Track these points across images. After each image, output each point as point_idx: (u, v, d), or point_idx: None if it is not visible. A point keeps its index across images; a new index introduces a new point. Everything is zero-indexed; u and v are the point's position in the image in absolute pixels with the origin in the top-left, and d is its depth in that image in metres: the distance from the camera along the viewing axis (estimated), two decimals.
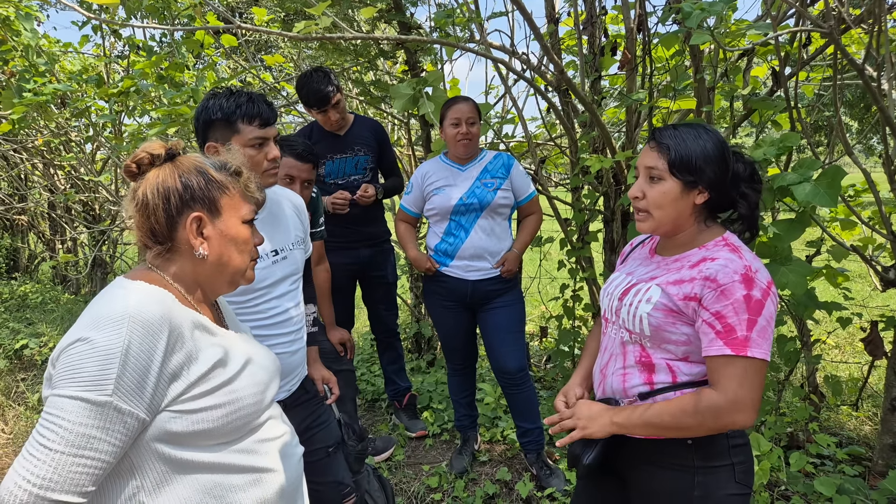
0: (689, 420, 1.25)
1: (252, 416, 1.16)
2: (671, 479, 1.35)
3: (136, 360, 0.96)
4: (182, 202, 1.11)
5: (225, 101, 1.62)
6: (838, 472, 2.65)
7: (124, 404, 0.95)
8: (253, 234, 1.23)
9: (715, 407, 1.23)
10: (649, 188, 1.36)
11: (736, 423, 1.22)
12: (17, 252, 8.22)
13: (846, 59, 2.31)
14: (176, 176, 1.12)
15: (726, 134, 3.06)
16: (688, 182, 1.32)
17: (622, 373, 1.41)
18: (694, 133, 1.33)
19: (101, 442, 0.93)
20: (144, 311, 1.00)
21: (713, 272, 1.26)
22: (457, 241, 2.61)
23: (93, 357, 0.94)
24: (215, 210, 1.15)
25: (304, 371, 1.91)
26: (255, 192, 1.23)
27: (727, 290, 1.23)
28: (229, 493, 1.12)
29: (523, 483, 2.62)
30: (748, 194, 1.36)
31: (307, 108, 2.96)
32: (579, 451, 1.40)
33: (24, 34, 4.64)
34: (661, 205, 1.34)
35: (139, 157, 1.12)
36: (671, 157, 1.32)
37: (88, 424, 0.92)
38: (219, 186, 1.16)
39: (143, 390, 0.97)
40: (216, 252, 1.16)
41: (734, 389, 1.21)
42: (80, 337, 0.97)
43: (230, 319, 1.32)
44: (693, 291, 1.28)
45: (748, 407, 1.21)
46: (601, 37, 3.25)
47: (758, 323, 1.21)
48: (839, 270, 2.62)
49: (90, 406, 0.92)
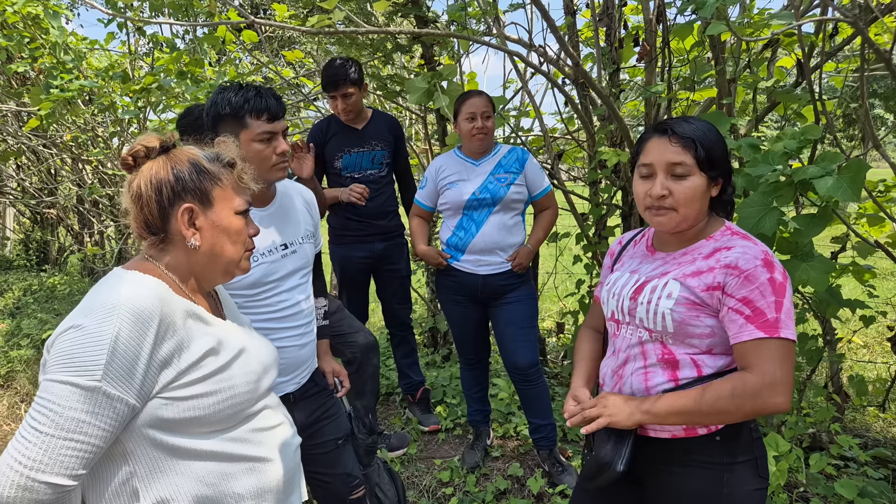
0: (726, 404, 1.22)
1: (245, 405, 1.17)
2: (699, 479, 1.32)
3: (125, 346, 0.98)
4: (174, 193, 1.13)
5: (233, 96, 1.62)
6: (861, 474, 2.58)
7: (113, 390, 0.97)
8: (247, 224, 1.24)
9: (754, 389, 1.21)
10: (675, 185, 1.31)
11: (774, 404, 1.21)
12: (47, 245, 8.42)
13: (872, 48, 2.24)
14: (168, 168, 1.14)
15: (749, 127, 2.99)
16: (711, 177, 1.32)
17: (643, 372, 1.37)
18: (705, 125, 1.32)
19: (91, 426, 0.96)
20: (135, 299, 1.02)
21: (733, 259, 1.26)
22: (468, 236, 2.60)
23: (83, 343, 0.97)
24: (207, 201, 1.16)
25: (314, 364, 1.92)
26: (248, 184, 1.24)
27: (751, 275, 1.23)
28: (223, 481, 1.13)
29: (535, 479, 2.60)
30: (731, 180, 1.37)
31: (325, 93, 2.97)
32: (610, 457, 1.35)
33: (51, 32, 4.74)
34: (691, 201, 1.30)
35: (135, 149, 1.14)
36: (697, 152, 1.29)
37: (78, 409, 0.95)
38: (211, 178, 1.17)
39: (133, 376, 0.99)
40: (208, 242, 1.17)
41: (773, 371, 1.20)
42: (73, 324, 1.00)
43: (229, 310, 1.34)
44: (716, 281, 1.27)
45: (786, 388, 1.21)
46: (620, 28, 3.20)
47: (784, 304, 1.22)
48: (866, 267, 2.55)
49: (80, 391, 0.95)
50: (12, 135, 6.18)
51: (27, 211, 8.42)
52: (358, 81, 2.89)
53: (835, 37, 2.79)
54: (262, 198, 1.74)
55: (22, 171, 7.54)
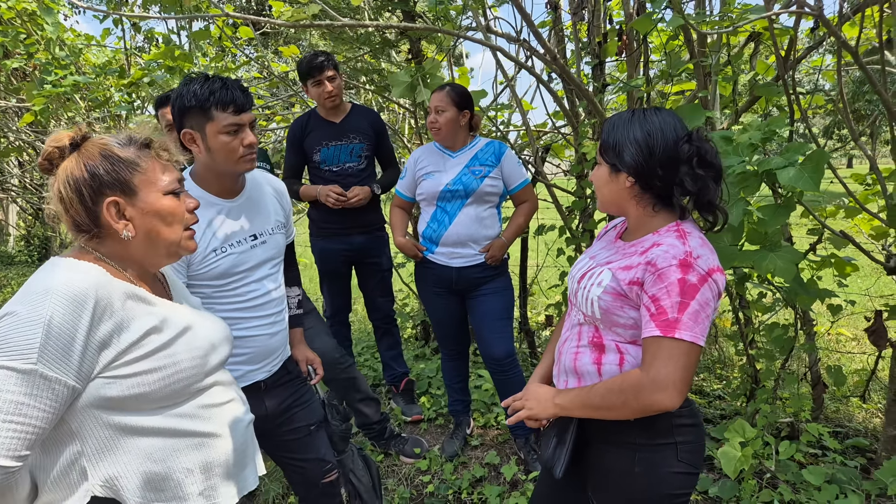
0: (614, 399, 1.27)
1: (191, 380, 1.19)
2: (616, 456, 1.38)
3: (59, 328, 1.00)
4: (94, 191, 1.12)
5: (199, 88, 1.62)
6: (838, 463, 2.61)
7: (50, 371, 0.99)
8: (183, 200, 1.23)
9: (637, 385, 1.24)
10: (594, 170, 1.43)
11: (658, 402, 1.23)
12: (48, 241, 8.50)
13: (840, 42, 2.26)
14: (82, 165, 1.12)
15: (729, 121, 3.02)
16: (611, 165, 1.36)
17: (574, 352, 1.44)
18: (629, 118, 1.34)
19: (30, 408, 0.98)
20: (69, 283, 1.04)
21: (654, 257, 1.27)
22: (441, 228, 2.64)
23: (17, 328, 0.99)
24: (130, 190, 1.15)
25: (287, 352, 1.95)
26: (172, 158, 1.23)
27: (663, 274, 1.24)
28: (170, 456, 1.16)
29: (509, 466, 2.64)
30: (684, 181, 1.31)
31: (306, 88, 3.00)
32: (551, 463, 1.43)
33: (46, 28, 4.79)
34: (598, 186, 1.42)
35: (48, 151, 1.13)
36: (602, 140, 1.37)
37: (16, 391, 0.97)
38: (127, 165, 1.15)
39: (69, 357, 1.02)
40: (142, 230, 1.17)
41: (657, 369, 1.22)
42: (8, 311, 1.02)
43: (177, 292, 1.36)
44: (636, 276, 1.29)
45: (670, 387, 1.21)
46: (605, 23, 3.23)
47: (690, 306, 1.22)
48: (846, 260, 2.57)
49: (16, 374, 0.97)
50: (12, 131, 6.24)
51: (29, 207, 8.50)
52: (336, 66, 2.96)
53: (816, 30, 2.80)
54: (230, 189, 1.76)
55: (23, 167, 7.61)
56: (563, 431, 1.44)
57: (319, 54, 2.92)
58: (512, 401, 1.50)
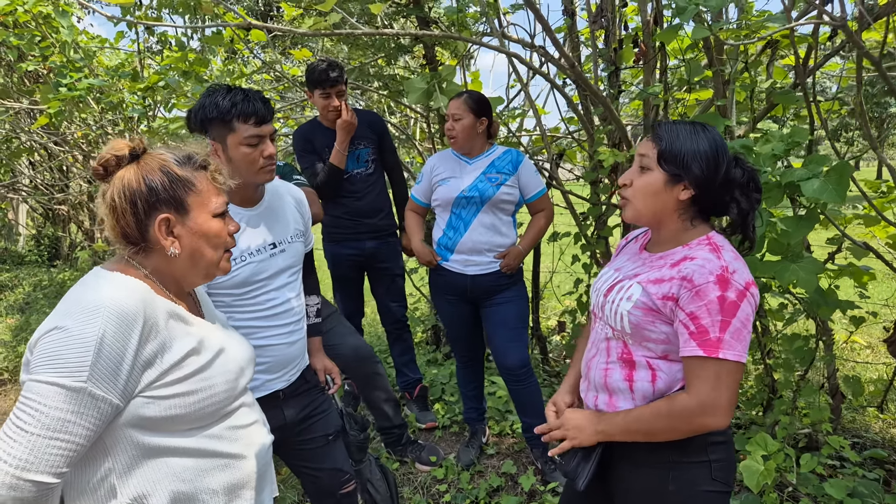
0: (662, 424, 1.26)
1: (224, 403, 1.20)
2: (648, 475, 1.36)
3: (110, 348, 1.00)
4: (149, 205, 1.12)
5: (221, 99, 1.63)
6: (855, 475, 2.58)
7: (98, 390, 0.99)
8: (227, 223, 1.24)
9: (686, 410, 1.23)
10: (638, 177, 1.36)
11: (708, 425, 1.22)
12: (58, 241, 8.54)
13: (862, 52, 2.24)
14: (140, 178, 1.12)
15: (746, 128, 3.00)
16: (673, 175, 1.31)
17: (604, 368, 1.42)
18: (691, 129, 1.33)
19: (76, 426, 0.98)
20: (119, 301, 1.04)
21: (690, 272, 1.25)
22: (456, 236, 2.63)
23: (69, 344, 0.99)
24: (183, 209, 1.16)
25: (305, 361, 1.95)
26: (224, 183, 1.24)
27: (702, 291, 1.22)
28: (198, 477, 1.16)
29: (527, 477, 2.63)
30: (740, 200, 1.33)
31: (310, 94, 2.99)
32: (573, 475, 1.41)
33: (61, 31, 4.80)
34: (645, 194, 1.35)
35: (105, 158, 1.12)
36: (661, 148, 1.32)
37: (64, 409, 0.97)
38: (184, 185, 1.16)
39: (117, 377, 1.02)
40: (188, 249, 1.18)
41: (706, 392, 1.21)
42: (57, 325, 1.01)
43: (207, 309, 1.36)
44: (671, 291, 1.27)
45: (720, 409, 1.21)
46: (620, 30, 3.21)
47: (731, 325, 1.20)
48: (863, 269, 2.55)
49: (66, 391, 0.97)
50: (25, 132, 6.27)
51: (39, 207, 8.53)
52: (346, 81, 2.96)
53: (833, 38, 2.78)
54: (249, 198, 1.76)
55: (34, 167, 7.64)
56: (590, 447, 1.42)
57: (334, 67, 2.89)
58: (547, 429, 1.48)
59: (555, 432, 1.45)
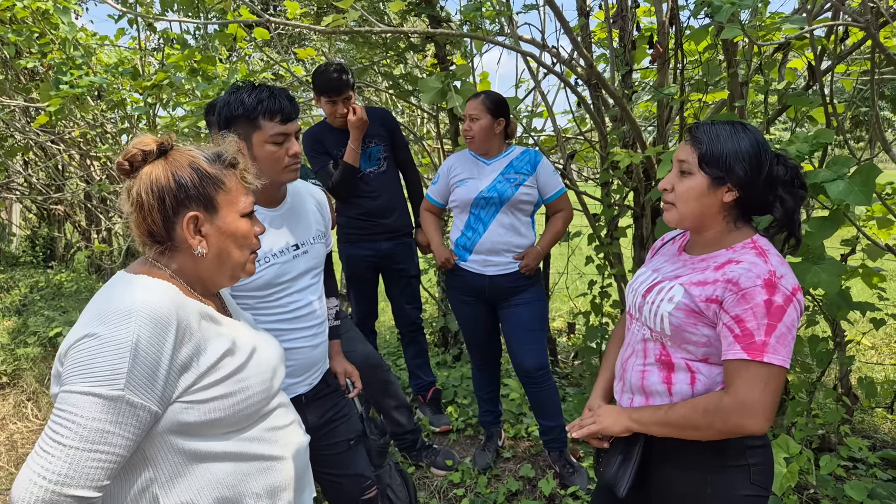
0: (700, 420, 1.25)
1: (261, 404, 1.17)
2: (686, 478, 1.34)
3: (145, 353, 0.97)
4: (177, 202, 1.09)
5: (247, 97, 1.60)
6: (870, 475, 2.58)
7: (136, 398, 0.96)
8: (253, 224, 1.21)
9: (725, 410, 1.22)
10: (678, 181, 1.35)
11: (746, 427, 1.21)
12: (54, 241, 8.44)
13: (883, 53, 2.23)
14: (169, 174, 1.09)
15: (760, 129, 2.99)
16: (716, 178, 1.29)
17: (641, 370, 1.41)
18: (730, 129, 1.31)
19: (115, 436, 0.94)
20: (151, 304, 1.01)
21: (736, 275, 1.24)
22: (475, 236, 2.61)
23: (103, 352, 0.95)
24: (212, 207, 1.13)
25: (326, 365, 1.92)
26: (253, 182, 1.21)
27: (748, 294, 1.21)
28: (241, 481, 1.13)
29: (546, 481, 2.61)
30: (785, 199, 1.31)
31: (317, 98, 2.95)
32: (614, 480, 1.39)
33: (61, 27, 4.75)
34: (687, 198, 1.33)
35: (131, 153, 1.09)
36: (702, 151, 1.30)
37: (102, 419, 0.93)
38: (214, 182, 1.13)
39: (155, 383, 0.98)
40: (215, 249, 1.14)
41: (746, 393, 1.20)
42: (88, 333, 0.97)
43: (232, 308, 1.33)
44: (715, 294, 1.26)
45: (759, 412, 1.20)
46: (633, 30, 3.20)
47: (777, 329, 1.19)
48: (875, 270, 2.55)
49: (103, 401, 0.93)
50: (20, 130, 6.19)
51: (34, 207, 8.44)
52: (353, 86, 2.92)
53: (846, 40, 2.78)
54: (272, 198, 1.73)
55: (29, 166, 7.55)
56: (629, 449, 1.40)
57: (341, 73, 2.84)
58: (579, 424, 1.46)
59: (586, 420, 1.45)
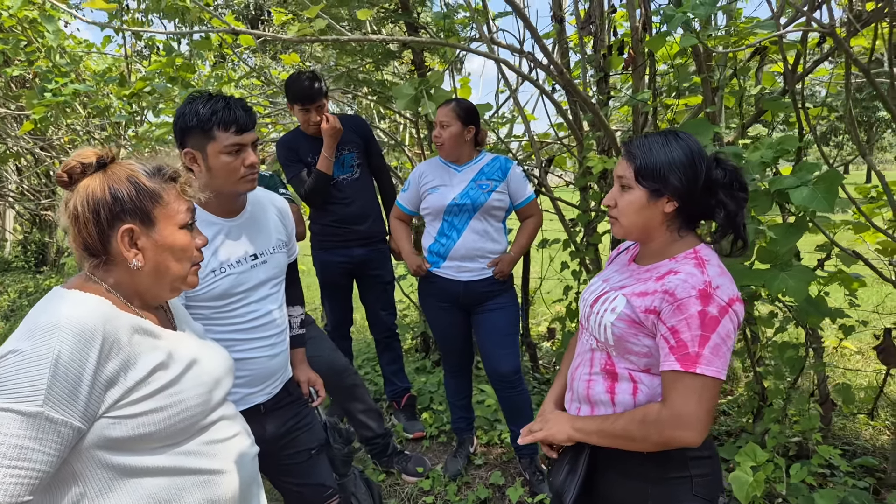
0: (636, 432, 1.25)
1: (197, 418, 1.15)
2: (628, 488, 1.34)
3: (66, 369, 0.96)
4: (112, 215, 1.08)
5: (201, 108, 1.59)
6: (847, 484, 2.56)
7: (56, 414, 0.94)
8: (194, 236, 1.21)
9: (661, 422, 1.21)
10: (620, 196, 1.35)
11: (680, 439, 1.21)
12: (45, 246, 8.45)
13: (851, 59, 2.23)
14: (105, 187, 1.08)
15: (735, 134, 2.98)
16: (653, 190, 1.29)
17: (587, 379, 1.41)
18: (662, 140, 1.30)
19: (35, 452, 0.93)
20: (76, 318, 1.00)
21: (673, 286, 1.24)
22: (449, 242, 2.60)
23: (23, 367, 0.94)
24: (148, 221, 1.12)
25: (288, 374, 1.91)
26: (195, 196, 1.20)
27: (683, 305, 1.21)
28: (175, 496, 1.11)
29: (514, 488, 2.59)
30: (727, 202, 1.31)
31: (290, 106, 2.96)
32: (561, 490, 1.40)
33: (47, 35, 4.76)
34: (629, 213, 1.33)
35: (70, 165, 1.09)
36: (637, 165, 1.30)
37: (20, 435, 0.92)
38: (151, 196, 1.12)
39: (76, 399, 0.97)
40: (152, 262, 1.14)
41: (682, 406, 1.19)
42: (13, 349, 0.97)
43: (180, 319, 1.31)
44: (653, 304, 1.26)
45: (693, 424, 1.19)
46: (610, 36, 3.20)
47: (711, 340, 1.19)
48: (853, 276, 2.54)
49: (21, 417, 0.92)
50: (11, 137, 6.21)
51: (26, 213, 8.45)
52: (326, 94, 2.93)
53: (822, 44, 2.78)
54: (230, 209, 1.72)
55: (21, 173, 7.57)
56: (576, 460, 1.41)
57: (313, 81, 2.85)
58: (528, 429, 1.47)
59: (533, 425, 1.47)
